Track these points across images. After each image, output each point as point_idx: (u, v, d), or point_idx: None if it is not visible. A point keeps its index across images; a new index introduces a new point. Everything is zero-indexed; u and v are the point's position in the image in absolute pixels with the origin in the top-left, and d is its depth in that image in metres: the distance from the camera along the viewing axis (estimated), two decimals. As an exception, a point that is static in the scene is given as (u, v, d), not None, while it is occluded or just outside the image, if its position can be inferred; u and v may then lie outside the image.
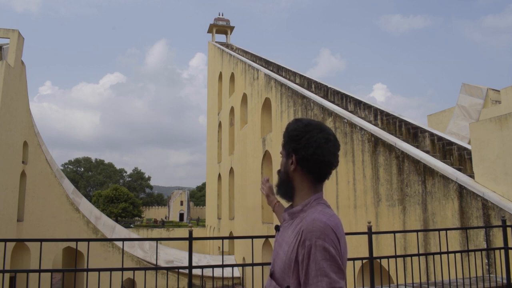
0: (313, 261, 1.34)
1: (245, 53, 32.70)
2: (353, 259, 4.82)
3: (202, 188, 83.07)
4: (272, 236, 2.09)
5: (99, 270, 4.15)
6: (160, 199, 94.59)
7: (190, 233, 4.41)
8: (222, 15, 41.86)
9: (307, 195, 1.57)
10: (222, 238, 4.79)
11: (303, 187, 1.59)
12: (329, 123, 12.90)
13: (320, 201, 1.55)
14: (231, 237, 5.08)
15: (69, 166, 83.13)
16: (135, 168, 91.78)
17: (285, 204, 1.74)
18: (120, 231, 22.96)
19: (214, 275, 4.44)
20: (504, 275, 5.50)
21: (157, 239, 4.71)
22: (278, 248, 1.58)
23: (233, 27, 40.99)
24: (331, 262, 1.34)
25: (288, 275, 1.46)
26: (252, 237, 4.51)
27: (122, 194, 55.93)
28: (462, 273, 5.49)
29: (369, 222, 4.95)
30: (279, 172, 1.68)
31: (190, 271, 4.41)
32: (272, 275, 1.58)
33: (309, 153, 1.54)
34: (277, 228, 1.69)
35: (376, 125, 12.64)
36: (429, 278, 7.21)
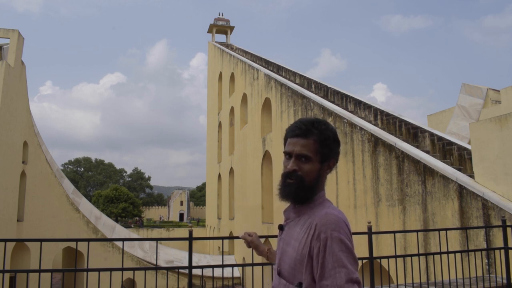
0: (330, 253, 1.35)
1: (245, 53, 32.69)
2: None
3: (202, 188, 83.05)
4: (272, 236, 2.09)
5: (99, 270, 4.15)
6: (160, 199, 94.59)
7: (190, 233, 4.41)
8: (222, 15, 41.85)
9: (316, 193, 1.57)
10: (222, 238, 4.79)
11: (321, 188, 1.60)
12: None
13: (324, 198, 1.57)
14: (231, 237, 5.07)
15: (69, 166, 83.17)
16: (135, 168, 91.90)
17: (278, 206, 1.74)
18: (120, 231, 22.97)
19: (214, 275, 4.43)
20: (504, 275, 5.50)
21: (157, 239, 4.72)
22: (285, 246, 1.57)
23: (233, 27, 41.00)
24: (347, 254, 1.35)
25: (300, 271, 1.45)
26: (252, 237, 4.50)
27: (122, 194, 55.89)
28: (462, 273, 5.49)
29: (369, 222, 4.96)
30: (301, 177, 1.52)
31: (190, 271, 4.41)
32: (279, 274, 1.56)
33: (338, 154, 1.61)
34: (281, 227, 1.68)
35: (376, 125, 12.63)
36: (429, 278, 7.20)
